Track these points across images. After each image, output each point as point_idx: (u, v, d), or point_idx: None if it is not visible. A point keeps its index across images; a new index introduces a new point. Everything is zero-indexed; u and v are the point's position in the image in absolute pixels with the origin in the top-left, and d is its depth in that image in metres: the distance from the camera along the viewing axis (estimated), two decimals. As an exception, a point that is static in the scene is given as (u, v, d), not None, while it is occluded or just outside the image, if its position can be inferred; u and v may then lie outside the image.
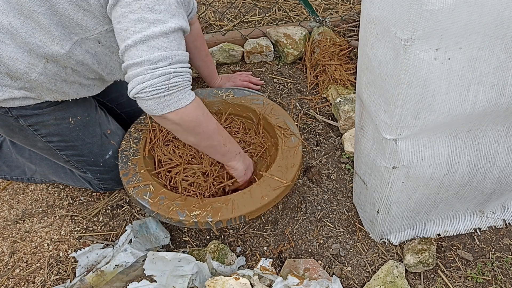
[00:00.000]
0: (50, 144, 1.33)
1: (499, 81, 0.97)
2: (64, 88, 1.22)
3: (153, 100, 1.04)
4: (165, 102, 1.05)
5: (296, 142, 1.41)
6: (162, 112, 1.06)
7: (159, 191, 1.27)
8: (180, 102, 1.06)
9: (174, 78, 1.04)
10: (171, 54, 1.03)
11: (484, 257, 1.37)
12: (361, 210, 1.44)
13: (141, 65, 1.02)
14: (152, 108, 1.06)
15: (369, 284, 1.28)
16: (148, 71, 1.02)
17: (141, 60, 1.01)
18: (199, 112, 1.12)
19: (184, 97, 1.07)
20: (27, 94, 1.19)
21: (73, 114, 1.32)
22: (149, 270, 1.16)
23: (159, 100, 1.04)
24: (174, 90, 1.04)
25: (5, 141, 1.57)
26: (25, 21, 1.07)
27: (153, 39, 1.01)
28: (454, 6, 0.81)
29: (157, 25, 1.01)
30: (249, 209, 1.22)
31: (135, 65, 1.02)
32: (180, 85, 1.06)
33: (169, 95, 1.04)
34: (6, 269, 1.36)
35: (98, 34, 1.13)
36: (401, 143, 1.08)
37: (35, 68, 1.13)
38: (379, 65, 0.99)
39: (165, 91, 1.03)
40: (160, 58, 1.02)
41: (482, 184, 1.25)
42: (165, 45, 1.03)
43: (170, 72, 1.03)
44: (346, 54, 1.96)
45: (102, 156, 1.40)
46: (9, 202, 1.54)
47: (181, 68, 1.06)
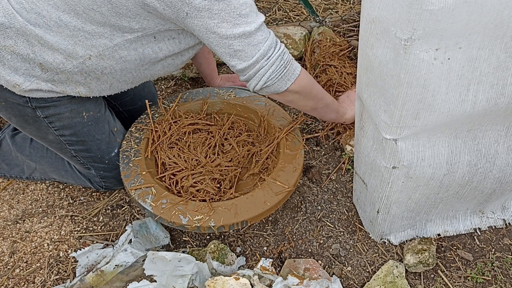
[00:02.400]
0: (62, 137, 1.34)
1: (499, 81, 0.97)
2: (92, 84, 1.24)
3: (279, 81, 1.20)
4: (286, 77, 1.20)
5: (298, 145, 1.41)
6: (286, 86, 1.21)
7: (161, 194, 1.27)
8: (295, 71, 1.22)
9: (285, 55, 1.18)
10: (271, 40, 1.16)
11: (484, 257, 1.37)
12: (361, 210, 1.44)
13: (257, 62, 1.15)
14: (278, 87, 1.21)
15: (369, 284, 1.28)
16: (265, 62, 1.15)
17: (255, 59, 1.14)
18: (308, 76, 1.27)
19: (296, 67, 1.22)
20: (53, 88, 1.21)
21: (87, 109, 1.34)
22: (149, 270, 1.16)
23: (281, 78, 1.19)
24: (289, 64, 1.20)
25: (5, 138, 1.57)
26: (76, 17, 1.10)
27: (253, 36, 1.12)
28: (454, 6, 0.81)
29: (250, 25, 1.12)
30: (252, 214, 1.22)
31: (251, 65, 1.15)
32: (290, 58, 1.20)
33: (287, 71, 1.19)
34: (6, 269, 1.36)
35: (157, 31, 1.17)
36: (401, 143, 1.08)
37: (73, 60, 1.16)
38: (379, 65, 0.99)
39: (283, 69, 1.19)
40: (267, 48, 1.15)
41: (482, 184, 1.25)
42: (263, 36, 1.14)
43: (280, 54, 1.17)
44: (346, 54, 1.96)
45: (109, 153, 1.41)
46: (9, 202, 1.54)
47: (280, 44, 1.19)
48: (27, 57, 1.14)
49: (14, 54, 1.14)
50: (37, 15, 1.10)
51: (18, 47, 1.12)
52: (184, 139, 1.47)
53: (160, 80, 1.98)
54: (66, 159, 1.45)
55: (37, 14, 1.10)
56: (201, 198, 1.32)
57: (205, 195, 1.33)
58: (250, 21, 1.11)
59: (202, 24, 1.10)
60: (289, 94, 1.25)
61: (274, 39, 1.17)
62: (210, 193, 1.34)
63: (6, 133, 1.57)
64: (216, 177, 1.38)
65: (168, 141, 1.45)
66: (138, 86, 1.59)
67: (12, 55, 1.14)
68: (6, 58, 1.14)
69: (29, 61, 1.15)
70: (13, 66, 1.16)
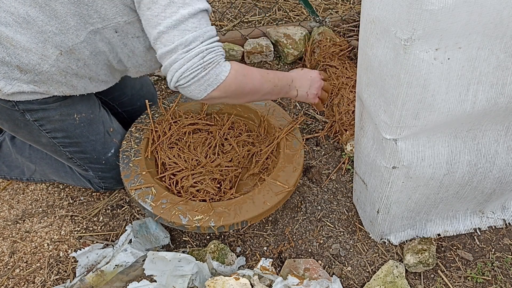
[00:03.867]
0: (54, 140, 1.33)
1: (499, 81, 0.97)
2: (73, 81, 1.22)
3: (194, 84, 1.06)
4: (205, 82, 1.06)
5: (298, 145, 1.41)
6: (206, 92, 1.08)
7: (161, 194, 1.27)
8: (219, 76, 1.08)
9: (208, 55, 1.05)
10: (202, 32, 1.05)
11: (484, 257, 1.37)
12: (361, 210, 1.44)
13: (175, 50, 1.04)
14: (195, 92, 1.08)
15: (369, 284, 1.28)
16: (182, 54, 1.03)
17: (174, 46, 1.03)
18: (240, 77, 1.12)
19: (221, 71, 1.08)
20: (35, 89, 1.20)
21: (78, 111, 1.32)
22: (149, 270, 1.16)
23: (199, 82, 1.06)
24: (210, 67, 1.06)
25: (5, 140, 1.57)
26: (41, 10, 1.08)
27: (183, 22, 1.03)
28: (453, 6, 0.81)
29: (185, 7, 1.03)
30: (252, 215, 1.22)
31: (169, 52, 1.04)
32: (215, 60, 1.07)
33: (207, 74, 1.06)
34: (6, 269, 1.36)
35: (116, 23, 1.13)
36: (401, 143, 1.08)
37: (48, 59, 1.14)
38: (379, 65, 0.99)
39: (202, 70, 1.05)
40: (192, 39, 1.03)
41: (482, 184, 1.25)
42: (195, 25, 1.04)
43: (202, 51, 1.04)
44: (346, 54, 1.96)
45: (105, 154, 1.41)
46: (9, 202, 1.54)
47: (212, 43, 1.07)
48: (4, 60, 1.12)
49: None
50: (6, 13, 1.08)
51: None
52: (184, 139, 1.47)
53: (160, 80, 1.98)
54: (63, 161, 1.45)
55: (6, 12, 1.08)
56: (201, 198, 1.32)
57: (205, 195, 1.33)
58: (187, 3, 1.03)
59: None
60: (214, 99, 1.12)
61: (207, 33, 1.06)
62: (210, 193, 1.34)
63: (6, 135, 1.57)
64: (216, 177, 1.38)
65: (168, 141, 1.45)
66: (137, 86, 1.59)
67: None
68: None
69: (7, 64, 1.13)
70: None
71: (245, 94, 1.17)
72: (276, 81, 1.25)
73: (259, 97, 1.25)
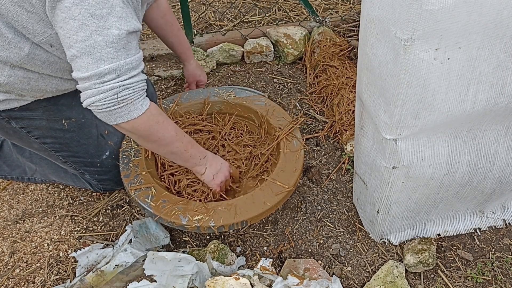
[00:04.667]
0: (45, 145, 1.33)
1: (499, 81, 0.97)
2: (40, 85, 1.18)
3: (104, 114, 1.02)
4: (116, 114, 1.02)
5: (298, 145, 1.41)
6: (115, 122, 1.04)
7: (161, 194, 1.27)
8: (131, 114, 1.03)
9: (123, 92, 1.00)
10: (119, 65, 0.98)
11: (484, 257, 1.37)
12: (361, 210, 1.44)
13: (89, 79, 0.98)
14: (105, 119, 1.04)
15: (369, 284, 1.28)
16: (96, 85, 0.98)
17: (88, 75, 0.97)
18: (152, 121, 1.09)
19: (135, 109, 1.03)
20: (8, 96, 1.17)
21: (66, 117, 1.30)
22: (149, 270, 1.16)
23: (110, 113, 1.02)
24: (124, 103, 1.01)
25: (6, 141, 1.57)
26: None
27: (98, 50, 0.95)
28: (453, 6, 0.81)
29: (100, 32, 0.95)
30: (251, 215, 1.23)
31: (83, 79, 0.98)
32: (130, 97, 1.02)
33: (119, 108, 1.01)
34: (6, 269, 1.36)
35: (48, 37, 1.06)
36: (401, 143, 1.08)
37: (2, 71, 1.11)
38: (379, 65, 0.99)
39: (115, 104, 1.00)
40: (107, 71, 0.97)
41: (482, 184, 1.25)
42: (111, 55, 0.97)
43: (118, 86, 0.99)
44: (346, 54, 1.96)
45: (99, 156, 1.39)
46: (9, 202, 1.54)
47: (131, 78, 1.01)
48: None
49: None
50: None
51: None
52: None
53: (160, 80, 1.98)
54: (59, 164, 1.45)
55: None
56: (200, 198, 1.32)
57: (201, 195, 1.33)
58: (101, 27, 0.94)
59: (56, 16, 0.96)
60: (121, 130, 1.09)
61: (125, 66, 0.98)
62: (206, 193, 1.34)
63: None
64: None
65: None
66: None
67: None
68: None
69: None
70: None
71: (152, 141, 1.13)
72: (189, 147, 1.22)
73: (165, 152, 1.21)
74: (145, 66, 2.00)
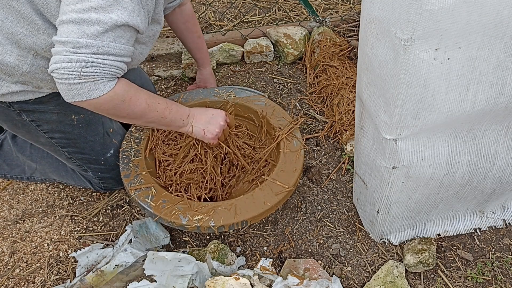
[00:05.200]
0: (53, 140, 1.33)
1: (499, 80, 0.97)
2: None
3: (63, 85, 0.99)
4: (75, 90, 1.00)
5: (298, 145, 1.41)
6: (73, 99, 1.02)
7: (161, 194, 1.27)
8: (91, 93, 1.01)
9: (90, 68, 0.97)
10: (100, 44, 0.97)
11: (484, 257, 1.37)
12: (361, 210, 1.44)
13: (64, 45, 0.96)
14: (63, 93, 1.02)
15: (369, 284, 1.28)
16: (67, 53, 0.96)
17: (65, 40, 0.96)
18: (117, 100, 1.06)
19: (96, 89, 1.00)
20: (25, 88, 1.19)
21: (76, 112, 1.32)
22: (149, 270, 1.16)
23: (69, 86, 0.99)
24: (85, 80, 0.98)
25: (6, 139, 1.57)
26: (8, 12, 1.05)
27: (87, 24, 0.95)
28: (453, 6, 0.81)
29: (98, 12, 0.95)
30: (252, 214, 1.23)
31: (59, 42, 0.97)
32: (94, 76, 0.99)
33: (79, 84, 0.98)
34: (6, 269, 1.36)
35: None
36: (401, 143, 1.08)
37: (25, 59, 1.12)
38: (379, 65, 0.99)
39: (76, 78, 0.97)
40: (85, 44, 0.96)
41: (482, 184, 1.25)
42: (96, 33, 0.96)
43: (86, 61, 0.97)
44: (346, 54, 1.96)
45: (104, 154, 1.41)
46: (9, 202, 1.54)
47: (105, 60, 0.99)
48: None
49: None
50: None
51: None
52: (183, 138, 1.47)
53: (160, 80, 1.98)
54: (63, 161, 1.45)
55: None
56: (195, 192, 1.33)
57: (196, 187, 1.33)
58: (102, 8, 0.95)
59: None
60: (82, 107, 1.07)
61: (104, 48, 0.98)
62: (200, 182, 1.34)
63: (7, 133, 1.57)
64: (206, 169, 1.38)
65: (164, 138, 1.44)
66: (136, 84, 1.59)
67: None
68: None
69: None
70: None
71: (121, 117, 1.13)
72: (166, 113, 1.20)
73: (142, 123, 1.23)
74: (145, 66, 2.01)
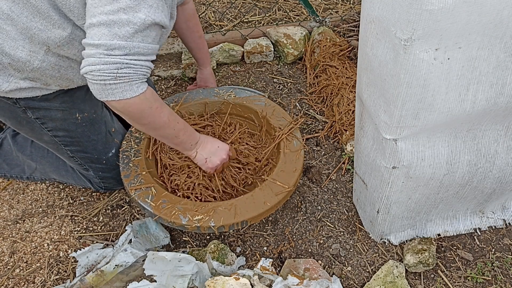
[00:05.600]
0: (56, 138, 1.34)
1: (498, 80, 0.97)
2: (69, 74, 1.22)
3: (98, 85, 1.03)
4: (110, 90, 1.03)
5: (298, 145, 1.41)
6: (106, 99, 1.05)
7: (161, 194, 1.27)
8: (125, 93, 1.04)
9: (125, 69, 1.01)
10: (131, 45, 1.01)
11: (484, 257, 1.37)
12: (361, 210, 1.44)
13: (97, 47, 1.00)
14: (96, 92, 1.05)
15: (369, 284, 1.28)
16: (101, 55, 0.99)
17: (98, 43, 0.99)
18: (145, 105, 1.09)
19: (130, 89, 1.04)
20: (33, 84, 1.20)
21: (81, 110, 1.33)
22: (149, 270, 1.16)
23: (104, 87, 1.03)
24: (120, 81, 1.02)
25: (6, 138, 1.57)
26: (23, 7, 1.06)
27: (118, 26, 0.98)
28: (453, 6, 0.81)
29: (127, 12, 0.98)
30: (252, 215, 1.23)
31: (91, 45, 1.00)
32: (129, 76, 1.03)
33: (114, 84, 1.02)
34: (6, 269, 1.36)
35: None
36: (401, 143, 1.08)
37: (37, 55, 1.13)
38: (379, 65, 0.99)
39: (112, 79, 1.01)
40: (118, 46, 0.99)
41: (482, 184, 1.25)
42: (127, 35, 0.99)
43: (121, 62, 1.00)
44: (346, 54, 1.96)
45: (106, 153, 1.41)
46: (9, 202, 1.54)
47: (137, 60, 1.03)
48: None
49: None
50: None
51: None
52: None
53: (160, 80, 1.98)
54: (64, 159, 1.45)
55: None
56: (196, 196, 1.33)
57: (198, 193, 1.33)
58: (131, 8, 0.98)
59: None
60: (111, 107, 1.10)
61: (135, 49, 1.01)
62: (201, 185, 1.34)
63: (7, 133, 1.58)
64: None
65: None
66: None
67: None
68: None
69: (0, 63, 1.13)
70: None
71: (141, 124, 1.15)
72: (181, 134, 1.24)
73: (156, 135, 1.25)
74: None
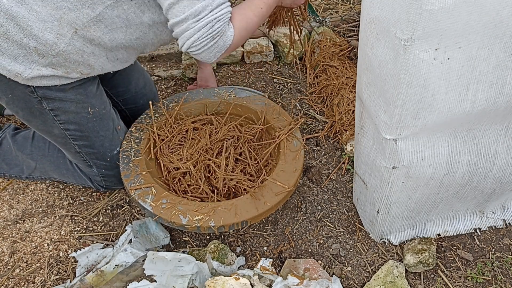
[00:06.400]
0: (66, 132, 1.35)
1: (498, 80, 0.97)
2: (90, 60, 1.24)
3: (205, 52, 1.16)
4: (215, 49, 1.16)
5: (298, 146, 1.41)
6: (216, 57, 1.19)
7: (161, 194, 1.27)
8: (226, 43, 1.17)
9: (216, 25, 1.12)
10: (210, 1, 1.10)
11: (484, 257, 1.37)
12: (361, 210, 1.44)
13: (186, 20, 1.10)
14: (206, 58, 1.18)
15: (369, 284, 1.28)
16: (193, 24, 1.11)
17: (185, 16, 1.10)
18: (243, 33, 1.21)
19: (227, 38, 1.17)
20: (54, 72, 1.21)
21: (92, 105, 1.34)
22: (149, 270, 1.16)
23: (209, 50, 1.15)
24: (218, 37, 1.15)
25: (6, 138, 1.57)
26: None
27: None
28: (453, 6, 0.81)
29: None
30: (252, 215, 1.23)
31: (180, 22, 1.11)
32: (222, 29, 1.14)
33: (215, 43, 1.15)
34: (6, 269, 1.36)
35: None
36: (401, 143, 1.08)
37: (63, 38, 1.15)
38: (379, 65, 0.99)
39: (211, 40, 1.14)
40: (201, 8, 1.09)
41: (482, 184, 1.25)
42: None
43: (211, 20, 1.11)
44: (346, 54, 1.96)
45: (111, 151, 1.42)
46: (9, 202, 1.54)
47: (220, 11, 1.13)
48: (21, 43, 1.14)
49: (10, 41, 1.14)
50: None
51: (11, 33, 1.12)
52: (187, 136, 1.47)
53: (160, 80, 1.98)
54: (69, 155, 1.46)
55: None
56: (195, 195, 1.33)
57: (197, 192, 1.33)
58: None
59: None
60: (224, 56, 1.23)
61: (215, 1, 1.12)
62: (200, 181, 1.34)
63: (7, 132, 1.58)
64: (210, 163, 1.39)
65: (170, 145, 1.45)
66: (140, 84, 1.60)
67: (8, 43, 1.14)
68: (3, 46, 1.14)
69: (24, 47, 1.14)
70: (11, 55, 1.15)
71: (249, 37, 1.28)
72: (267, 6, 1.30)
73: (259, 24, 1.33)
74: (145, 66, 2.01)
